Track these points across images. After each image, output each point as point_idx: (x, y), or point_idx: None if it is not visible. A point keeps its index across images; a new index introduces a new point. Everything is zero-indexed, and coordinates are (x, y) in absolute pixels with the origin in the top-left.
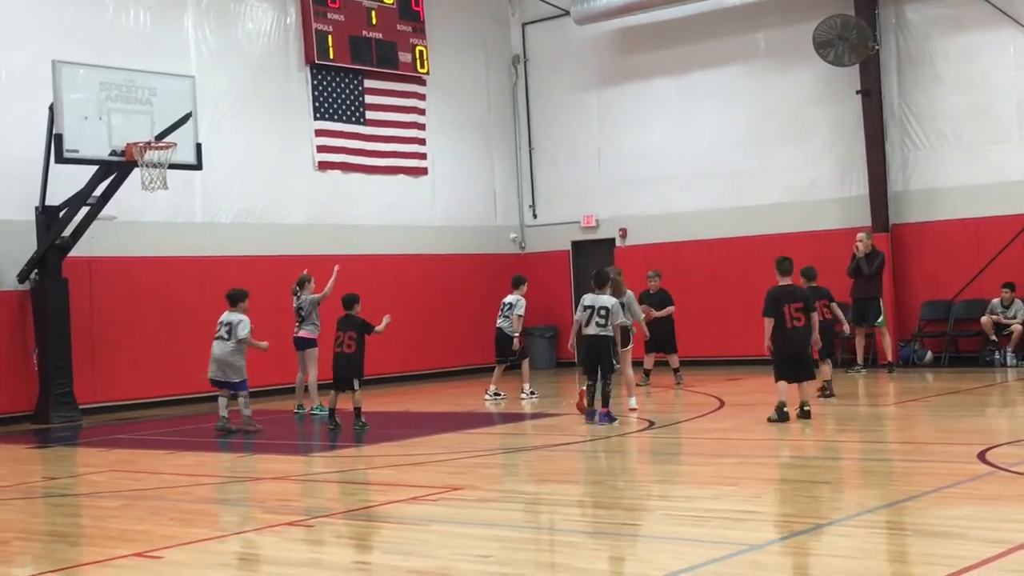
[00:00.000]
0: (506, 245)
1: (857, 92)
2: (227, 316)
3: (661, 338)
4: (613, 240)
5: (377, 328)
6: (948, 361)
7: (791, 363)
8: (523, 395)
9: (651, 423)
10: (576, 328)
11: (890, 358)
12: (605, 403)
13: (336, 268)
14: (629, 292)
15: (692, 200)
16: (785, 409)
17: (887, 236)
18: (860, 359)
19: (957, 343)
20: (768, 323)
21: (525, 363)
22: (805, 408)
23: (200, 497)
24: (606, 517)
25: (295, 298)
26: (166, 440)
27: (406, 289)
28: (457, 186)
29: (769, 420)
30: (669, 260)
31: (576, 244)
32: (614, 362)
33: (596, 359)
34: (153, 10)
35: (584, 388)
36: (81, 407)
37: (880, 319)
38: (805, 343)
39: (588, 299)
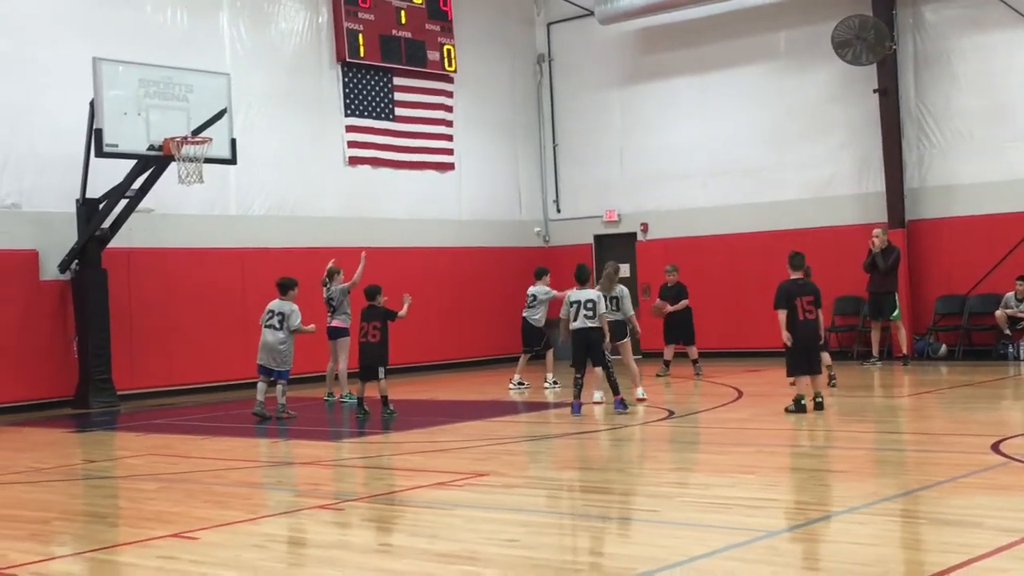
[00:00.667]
0: (530, 239)
1: (874, 91)
2: (278, 305)
3: (679, 330)
4: (634, 234)
5: (400, 313)
6: (962, 354)
7: (803, 355)
8: (546, 385)
9: (671, 412)
10: (565, 324)
11: (905, 351)
12: (616, 391)
13: (363, 255)
14: (623, 288)
15: (712, 196)
16: (803, 401)
17: (903, 232)
18: (876, 352)
19: (971, 336)
20: (781, 315)
21: (549, 353)
22: (818, 400)
23: (234, 481)
24: (628, 503)
25: (325, 289)
26: (201, 425)
27: (433, 281)
28: (483, 181)
29: (787, 411)
30: (689, 254)
31: (598, 238)
32: (606, 353)
33: (586, 351)
34: (190, 9)
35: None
36: (119, 393)
37: (895, 313)
38: (816, 335)
39: (573, 295)
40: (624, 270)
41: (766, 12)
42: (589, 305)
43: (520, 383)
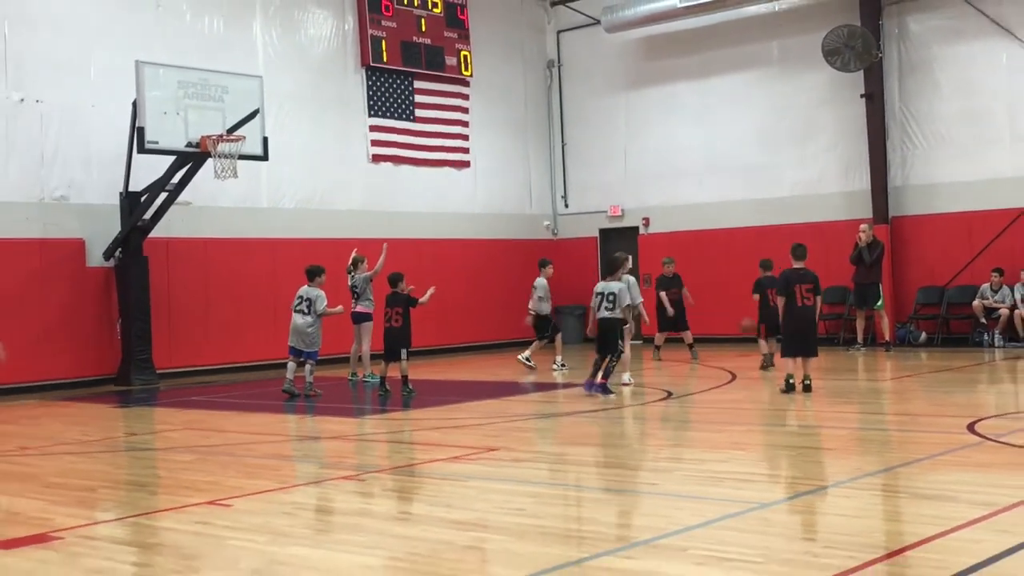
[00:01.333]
0: (540, 231)
1: (861, 96)
2: (306, 291)
3: (676, 318)
4: (637, 228)
5: (421, 300)
6: (941, 341)
7: (798, 338)
8: (554, 367)
9: (669, 393)
10: (593, 315)
11: (888, 338)
12: (606, 376)
13: (385, 245)
14: (630, 277)
15: (709, 193)
16: (792, 381)
17: (887, 227)
18: (860, 339)
19: (949, 325)
20: (780, 301)
21: (558, 338)
22: (806, 382)
23: (265, 453)
24: (628, 476)
25: (349, 277)
26: (234, 402)
27: (449, 270)
28: (496, 178)
29: (782, 391)
30: (688, 247)
31: (603, 231)
32: (620, 343)
33: (603, 338)
34: (226, 17)
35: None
36: (159, 372)
37: (879, 303)
38: (812, 320)
39: (599, 286)
40: (619, 260)
41: (761, 22)
42: (611, 297)
43: (528, 359)
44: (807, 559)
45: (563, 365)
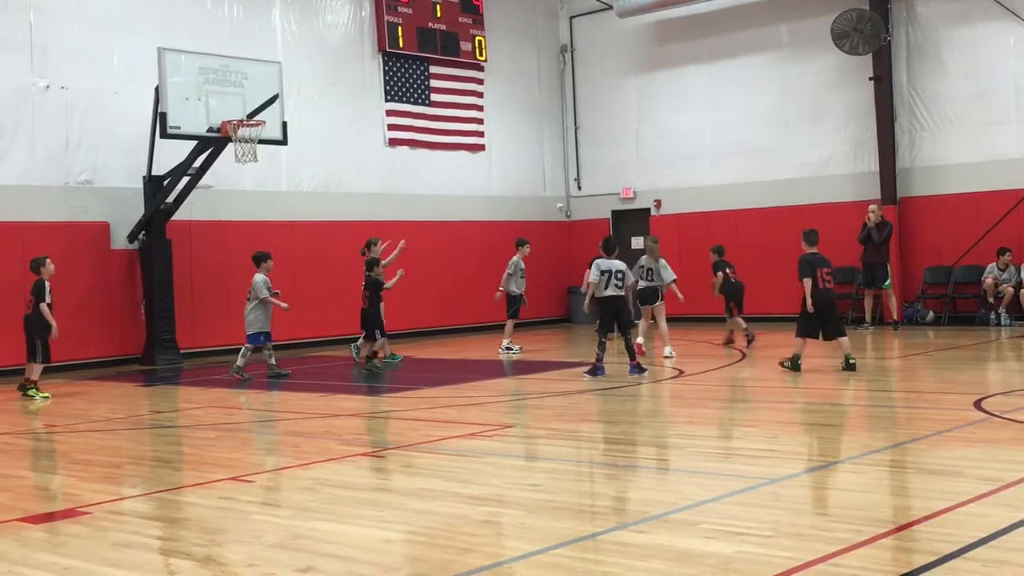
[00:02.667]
0: (553, 213)
1: (870, 78)
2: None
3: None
4: (648, 210)
5: (387, 284)
6: (947, 320)
7: (819, 320)
8: (501, 350)
9: (681, 372)
10: (591, 291)
11: (895, 317)
12: (633, 356)
13: (401, 243)
14: (662, 259)
15: (719, 175)
16: (800, 361)
17: (895, 208)
18: (868, 317)
19: (956, 304)
20: (807, 284)
21: (510, 322)
22: (851, 361)
23: (284, 431)
24: (640, 453)
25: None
26: (255, 381)
27: (464, 250)
28: (511, 161)
29: (782, 365)
30: (698, 228)
31: (616, 213)
32: (629, 320)
33: (615, 317)
34: (245, 3)
35: (640, 341)
36: (182, 351)
37: (887, 282)
38: (833, 302)
39: (604, 264)
40: (638, 242)
41: (770, 6)
42: (619, 275)
43: (509, 348)
44: (816, 533)
45: (510, 348)
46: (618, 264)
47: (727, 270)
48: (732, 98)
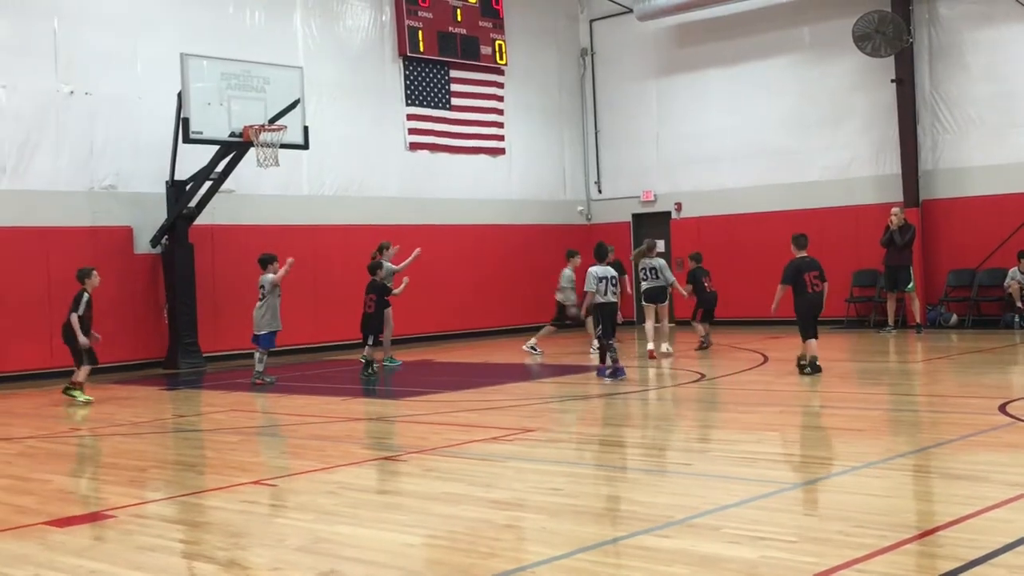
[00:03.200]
0: (574, 217)
1: (892, 80)
2: (260, 279)
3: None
4: (669, 213)
5: (395, 291)
6: (971, 323)
7: (810, 322)
8: (530, 349)
9: (702, 375)
10: (591, 298)
11: (918, 320)
12: (603, 360)
13: (417, 252)
14: (660, 259)
15: (740, 177)
16: (816, 362)
17: (918, 211)
18: (891, 321)
19: (980, 307)
20: (781, 289)
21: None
22: (803, 363)
23: (307, 434)
24: (662, 457)
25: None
26: (277, 384)
27: (485, 255)
28: (531, 164)
29: (802, 372)
30: (720, 231)
31: (636, 216)
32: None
33: (613, 321)
34: (267, 9)
35: (651, 347)
36: (205, 355)
37: (910, 285)
38: (819, 305)
39: (599, 271)
40: (660, 246)
41: (791, 8)
42: (614, 281)
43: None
44: (840, 538)
45: (534, 349)
46: (612, 270)
47: (704, 278)
48: (753, 101)
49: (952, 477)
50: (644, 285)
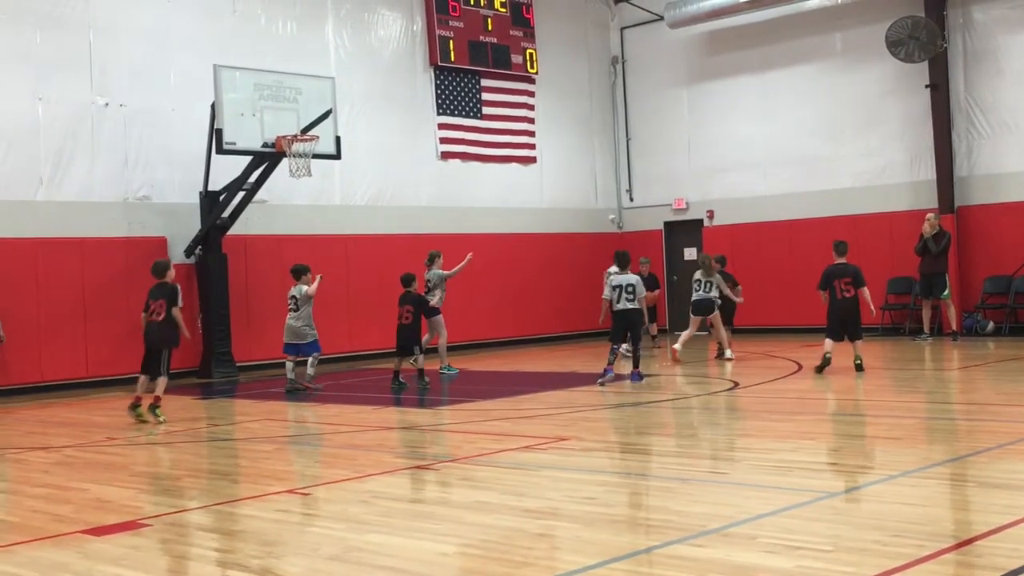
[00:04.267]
0: (605, 225)
1: (926, 86)
2: (293, 290)
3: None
4: (701, 221)
5: (433, 302)
6: (1008, 331)
7: (839, 325)
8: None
9: (735, 384)
10: (607, 305)
11: (955, 327)
12: (636, 364)
13: (469, 256)
14: (717, 275)
15: (773, 185)
16: (829, 358)
17: (953, 217)
18: (927, 328)
19: (1017, 314)
20: (822, 294)
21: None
22: (857, 361)
23: (340, 443)
24: (697, 466)
25: (427, 269)
26: (305, 394)
27: (517, 263)
28: (562, 173)
29: (817, 368)
30: (752, 239)
31: (668, 224)
32: (642, 331)
33: (627, 329)
34: (299, 20)
35: (677, 347)
36: (238, 364)
37: (946, 292)
38: (851, 309)
39: (616, 279)
40: (691, 253)
41: (823, 15)
42: (630, 289)
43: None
44: (877, 548)
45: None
46: (631, 278)
47: (728, 283)
48: (785, 107)
49: (990, 486)
50: (692, 296)
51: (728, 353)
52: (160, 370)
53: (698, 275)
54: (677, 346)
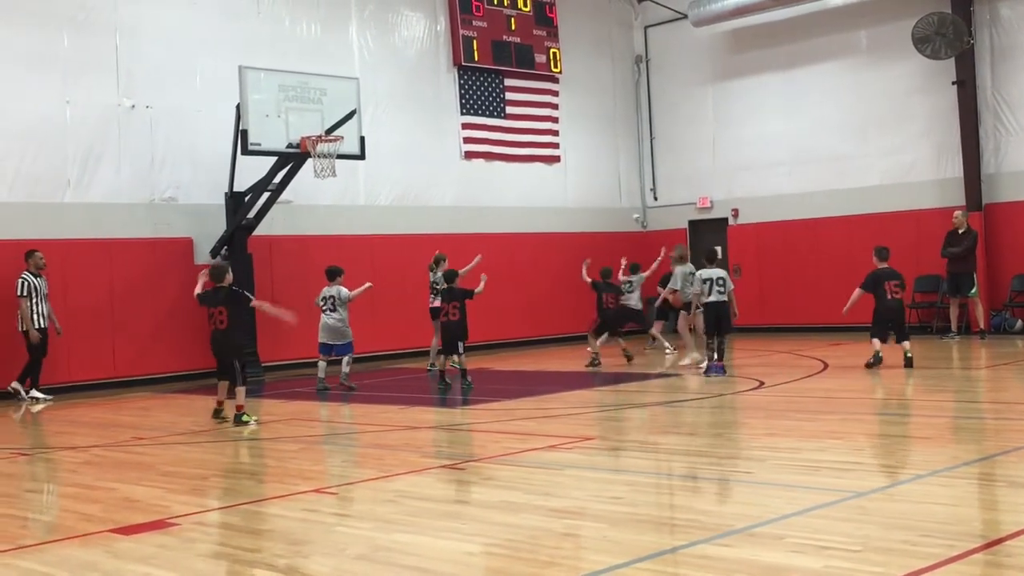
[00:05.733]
0: (629, 224)
1: (953, 83)
2: (327, 290)
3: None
4: (726, 219)
5: (476, 290)
6: None
7: (888, 326)
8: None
9: (761, 383)
10: (696, 297)
11: (982, 326)
12: (721, 357)
13: (478, 257)
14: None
15: (798, 183)
16: (880, 355)
17: (980, 215)
18: (955, 327)
19: None
20: (858, 293)
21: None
22: (908, 356)
23: (366, 443)
24: (723, 465)
25: (431, 273)
26: (336, 393)
27: (541, 263)
28: (586, 172)
29: (868, 364)
30: (777, 237)
31: (692, 223)
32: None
33: (718, 320)
34: (323, 21)
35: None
36: (264, 364)
37: (973, 291)
38: (900, 310)
39: (705, 273)
40: (717, 252)
41: (847, 12)
42: (720, 281)
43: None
44: (906, 548)
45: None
46: (719, 271)
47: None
48: (810, 105)
49: (1019, 485)
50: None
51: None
52: (236, 380)
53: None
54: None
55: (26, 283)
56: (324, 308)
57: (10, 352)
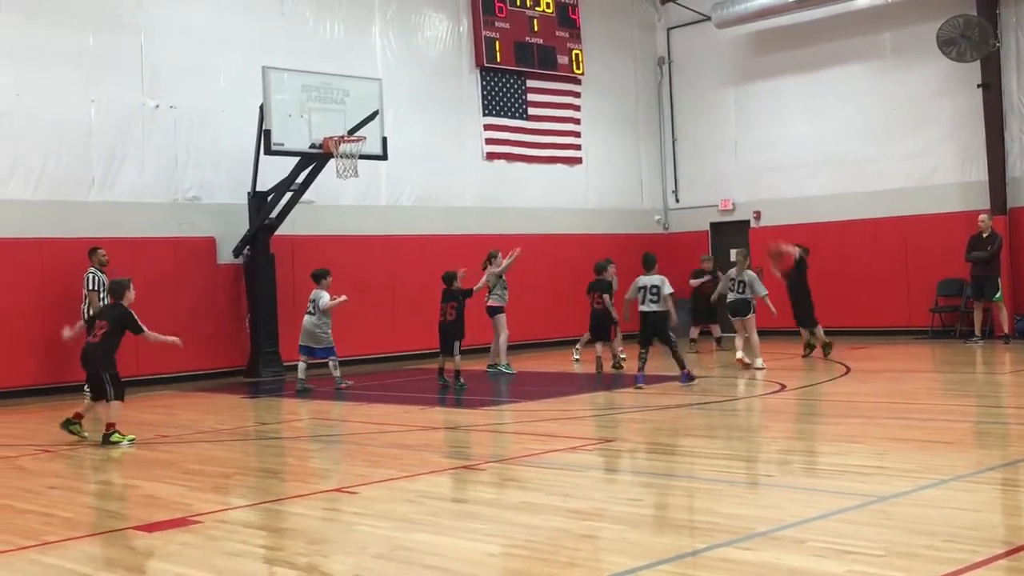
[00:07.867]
0: (651, 226)
1: (978, 85)
2: (313, 293)
3: (706, 312)
4: (748, 222)
5: (475, 287)
6: None
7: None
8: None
9: (783, 386)
10: (627, 305)
11: (1006, 330)
12: (682, 366)
13: (517, 251)
14: (751, 272)
15: (821, 185)
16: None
17: (1005, 219)
18: (978, 331)
19: None
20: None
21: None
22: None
23: (387, 443)
24: (743, 468)
25: (485, 271)
26: (356, 393)
27: (562, 264)
28: (608, 173)
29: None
30: (799, 239)
31: (714, 225)
32: (670, 333)
33: (652, 332)
34: (346, 21)
35: (740, 355)
36: (285, 364)
37: (998, 295)
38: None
39: (641, 280)
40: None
41: (872, 14)
42: (653, 290)
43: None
44: (929, 553)
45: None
46: (655, 279)
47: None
48: (833, 108)
49: None
50: (728, 297)
51: (759, 363)
52: (108, 395)
53: (732, 273)
54: (739, 354)
55: (97, 278)
56: (308, 309)
57: (39, 350)
